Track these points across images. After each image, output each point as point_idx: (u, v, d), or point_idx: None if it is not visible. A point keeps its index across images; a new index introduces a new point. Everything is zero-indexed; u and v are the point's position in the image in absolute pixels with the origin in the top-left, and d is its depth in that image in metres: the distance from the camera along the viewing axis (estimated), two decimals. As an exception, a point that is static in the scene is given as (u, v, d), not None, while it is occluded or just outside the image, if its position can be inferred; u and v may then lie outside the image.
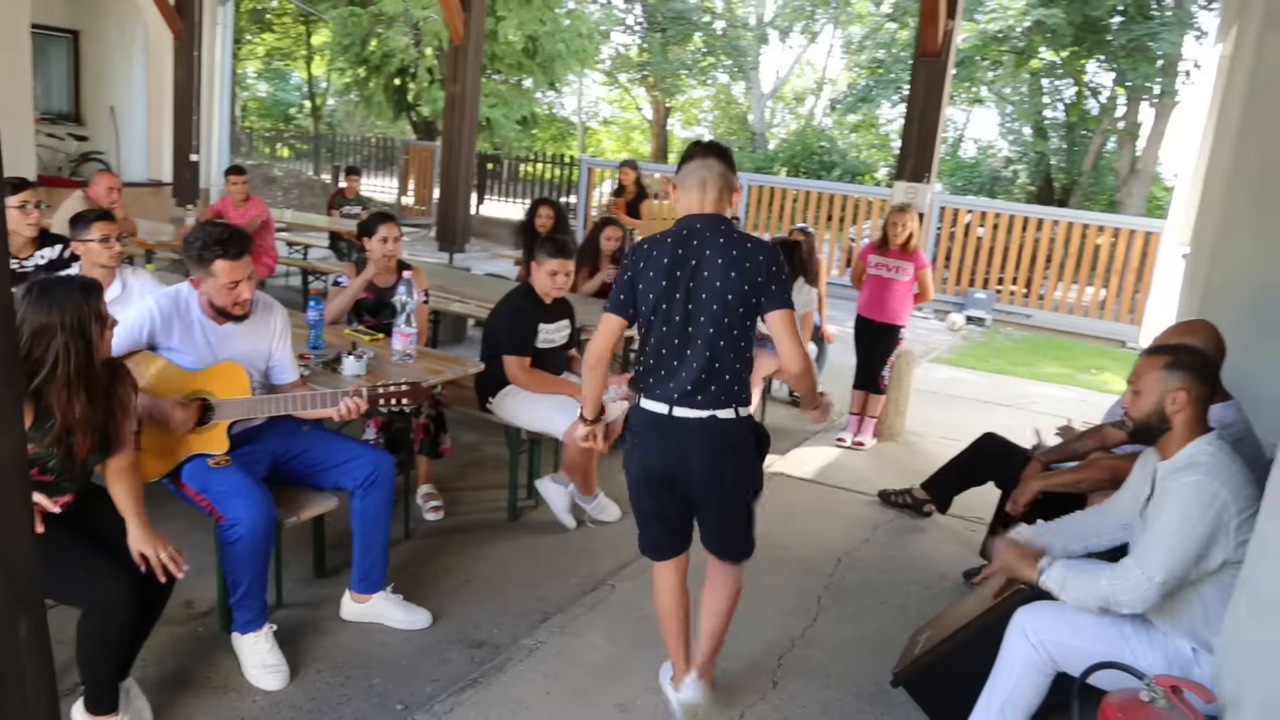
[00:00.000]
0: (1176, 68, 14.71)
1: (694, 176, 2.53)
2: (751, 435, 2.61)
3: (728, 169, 2.56)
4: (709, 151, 2.57)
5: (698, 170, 2.53)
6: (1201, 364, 2.35)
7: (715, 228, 2.49)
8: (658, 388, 2.51)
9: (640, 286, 2.50)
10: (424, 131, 15.60)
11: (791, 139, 26.10)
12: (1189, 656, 2.18)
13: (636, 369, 2.60)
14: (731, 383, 2.50)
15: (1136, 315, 10.24)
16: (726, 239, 2.48)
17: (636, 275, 2.51)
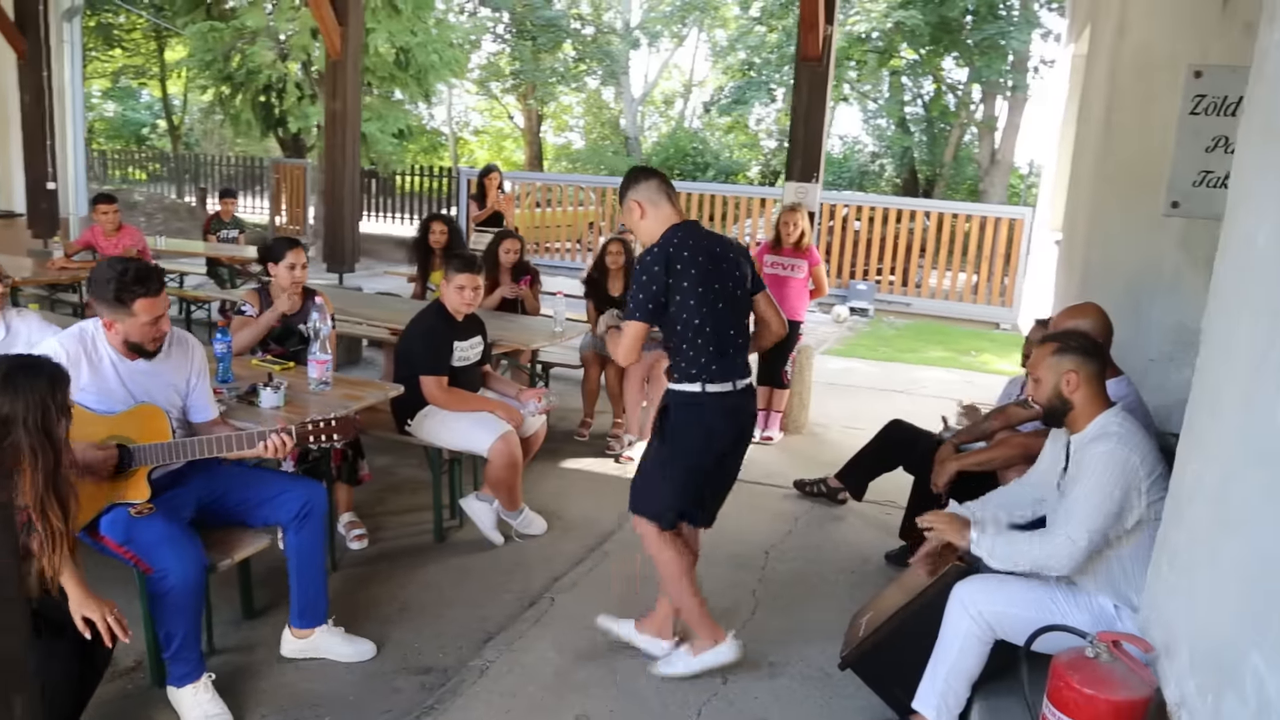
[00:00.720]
0: (1026, 64, 15.73)
1: (661, 192, 2.91)
2: None
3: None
4: (652, 171, 3.00)
5: (660, 186, 2.92)
6: (1087, 345, 2.55)
7: (705, 230, 2.95)
8: (719, 370, 2.84)
9: (685, 286, 2.78)
10: (292, 149, 15.10)
11: (664, 142, 26.52)
12: (1112, 613, 2.36)
13: (681, 359, 2.86)
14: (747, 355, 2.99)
15: (1007, 298, 10.88)
16: (720, 238, 2.97)
17: (676, 280, 2.78)
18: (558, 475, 5.03)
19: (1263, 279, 1.66)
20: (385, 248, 13.51)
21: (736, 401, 2.89)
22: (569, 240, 14.03)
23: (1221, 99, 3.58)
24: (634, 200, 2.91)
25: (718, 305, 2.83)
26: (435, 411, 3.97)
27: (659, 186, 2.91)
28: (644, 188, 2.91)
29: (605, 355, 5.68)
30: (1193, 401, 1.98)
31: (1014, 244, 10.71)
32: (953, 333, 10.40)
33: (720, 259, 2.87)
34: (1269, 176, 1.71)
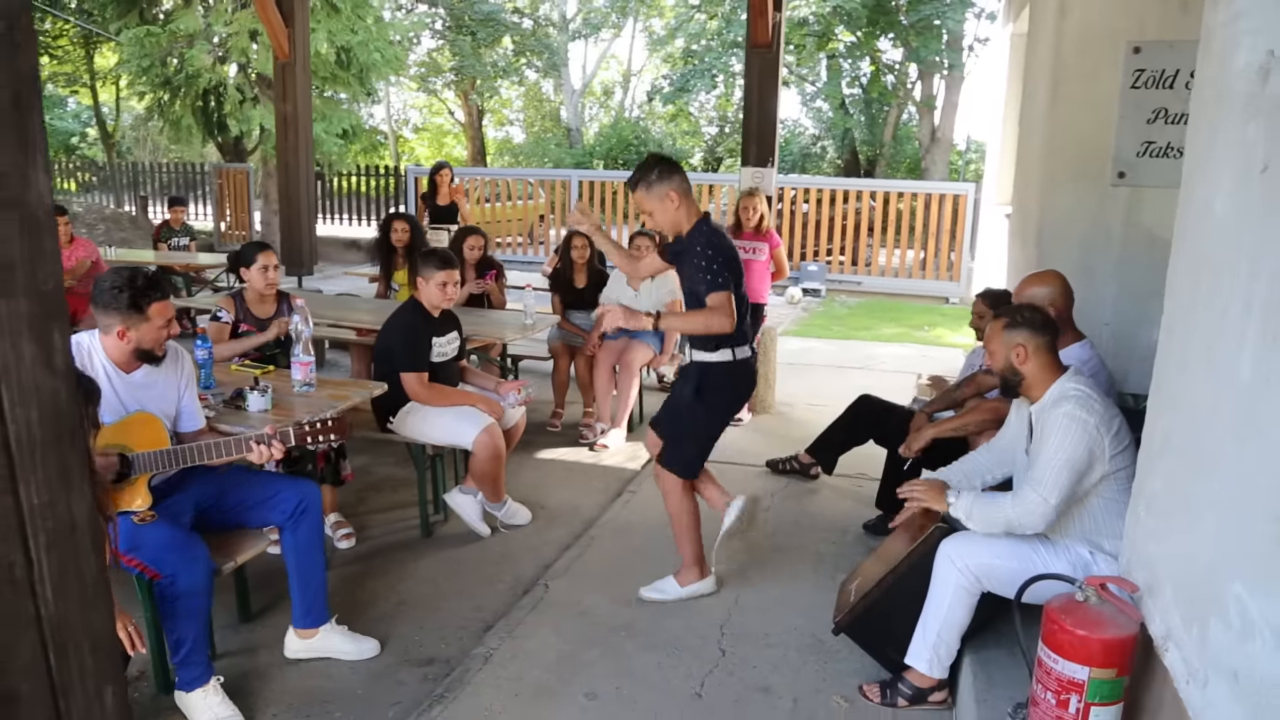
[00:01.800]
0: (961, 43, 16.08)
1: (689, 185, 3.27)
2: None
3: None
4: (679, 165, 3.30)
5: (686, 179, 3.26)
6: (1035, 319, 2.69)
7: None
8: (744, 339, 3.29)
9: (730, 264, 3.18)
10: (233, 153, 14.84)
11: (606, 132, 26.54)
12: (1088, 559, 2.51)
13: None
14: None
15: (954, 272, 11.16)
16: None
17: (725, 259, 3.16)
18: (535, 466, 5.09)
19: (1222, 243, 1.80)
20: (334, 249, 13.36)
21: (754, 365, 3.42)
22: (519, 235, 14.02)
23: (1160, 72, 3.77)
24: (672, 191, 3.21)
25: (740, 283, 3.25)
26: (417, 408, 4.01)
27: (685, 179, 3.27)
28: (679, 180, 3.23)
29: (574, 346, 5.75)
30: (1160, 358, 2.12)
31: (959, 219, 10.99)
32: (904, 309, 10.65)
33: (733, 245, 3.31)
34: (1220, 150, 1.85)
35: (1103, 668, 1.93)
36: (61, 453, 1.07)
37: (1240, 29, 1.74)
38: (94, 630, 1.13)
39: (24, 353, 1.01)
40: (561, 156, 24.85)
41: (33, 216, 1.01)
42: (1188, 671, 1.75)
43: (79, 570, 1.10)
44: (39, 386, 1.04)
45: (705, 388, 3.31)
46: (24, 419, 1.02)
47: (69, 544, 1.09)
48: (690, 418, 3.38)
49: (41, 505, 1.05)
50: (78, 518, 1.10)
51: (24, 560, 1.03)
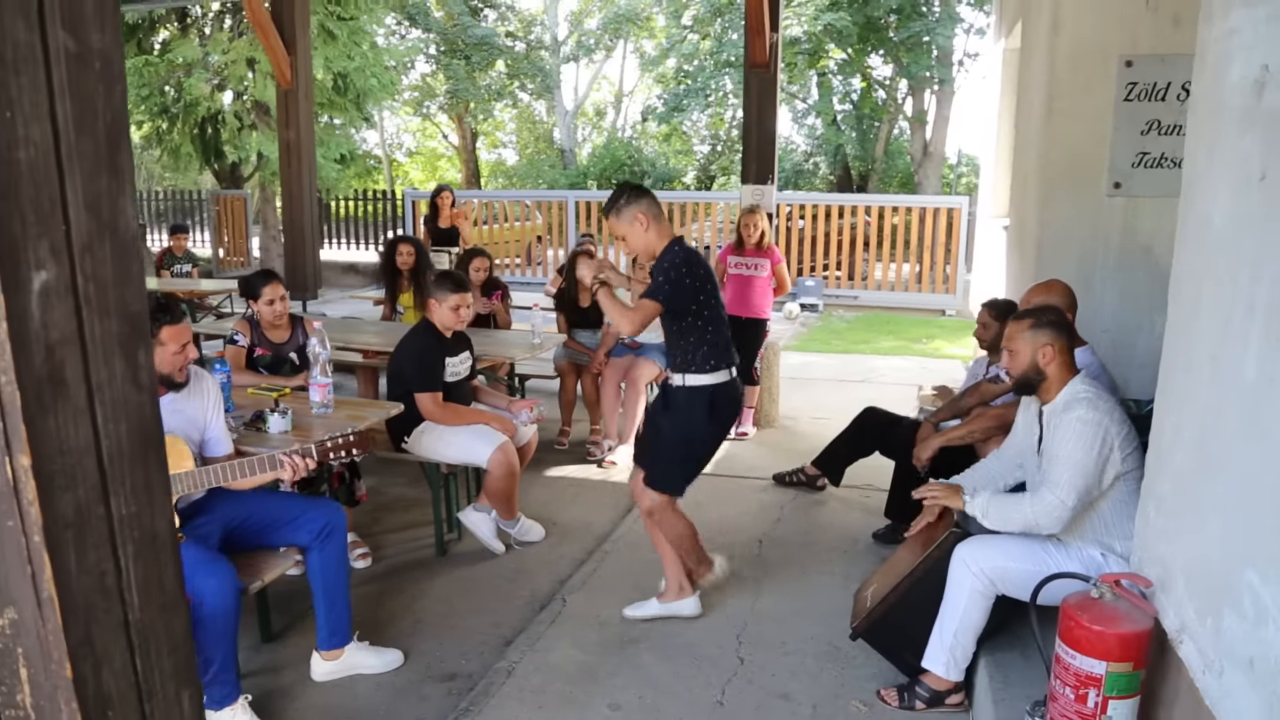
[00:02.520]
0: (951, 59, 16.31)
1: (659, 207, 3.31)
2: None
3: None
4: (646, 189, 3.38)
5: (656, 202, 3.31)
6: (1060, 320, 2.78)
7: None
8: (723, 360, 3.29)
9: (706, 287, 3.22)
10: (229, 180, 14.93)
11: (600, 152, 26.72)
12: (1100, 561, 2.58)
13: (690, 353, 3.27)
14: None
15: (950, 285, 11.27)
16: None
17: (698, 282, 3.19)
18: (544, 484, 5.15)
19: (1223, 250, 1.88)
20: (333, 273, 13.43)
21: (738, 387, 3.39)
22: (516, 256, 14.12)
23: (1152, 85, 3.87)
24: (639, 213, 3.25)
25: (719, 305, 3.29)
26: (432, 427, 4.06)
27: (655, 203, 3.31)
28: (647, 203, 3.28)
29: (580, 364, 5.82)
30: (1165, 362, 2.19)
31: (953, 232, 11.11)
32: (901, 322, 10.74)
33: (709, 267, 3.29)
34: (1217, 163, 1.93)
35: (1120, 662, 2.00)
36: (146, 466, 1.13)
37: (1234, 44, 1.83)
38: (173, 636, 1.18)
39: (115, 370, 1.08)
40: (556, 178, 25.01)
41: (123, 240, 1.08)
42: (1204, 662, 1.82)
43: (160, 578, 1.16)
44: (127, 401, 1.10)
45: (714, 411, 3.30)
46: (115, 434, 1.08)
47: (151, 553, 1.14)
48: (676, 438, 3.34)
49: (129, 516, 1.10)
50: (159, 528, 1.15)
51: (114, 569, 1.09)
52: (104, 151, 1.05)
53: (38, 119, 0.98)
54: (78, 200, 1.02)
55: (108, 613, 1.09)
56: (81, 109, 1.02)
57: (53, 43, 0.99)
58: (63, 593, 1.02)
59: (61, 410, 1.02)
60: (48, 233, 0.99)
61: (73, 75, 1.01)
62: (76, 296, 1.03)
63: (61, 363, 1.02)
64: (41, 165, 0.98)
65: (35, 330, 0.98)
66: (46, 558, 1.00)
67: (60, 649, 1.02)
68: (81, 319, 1.04)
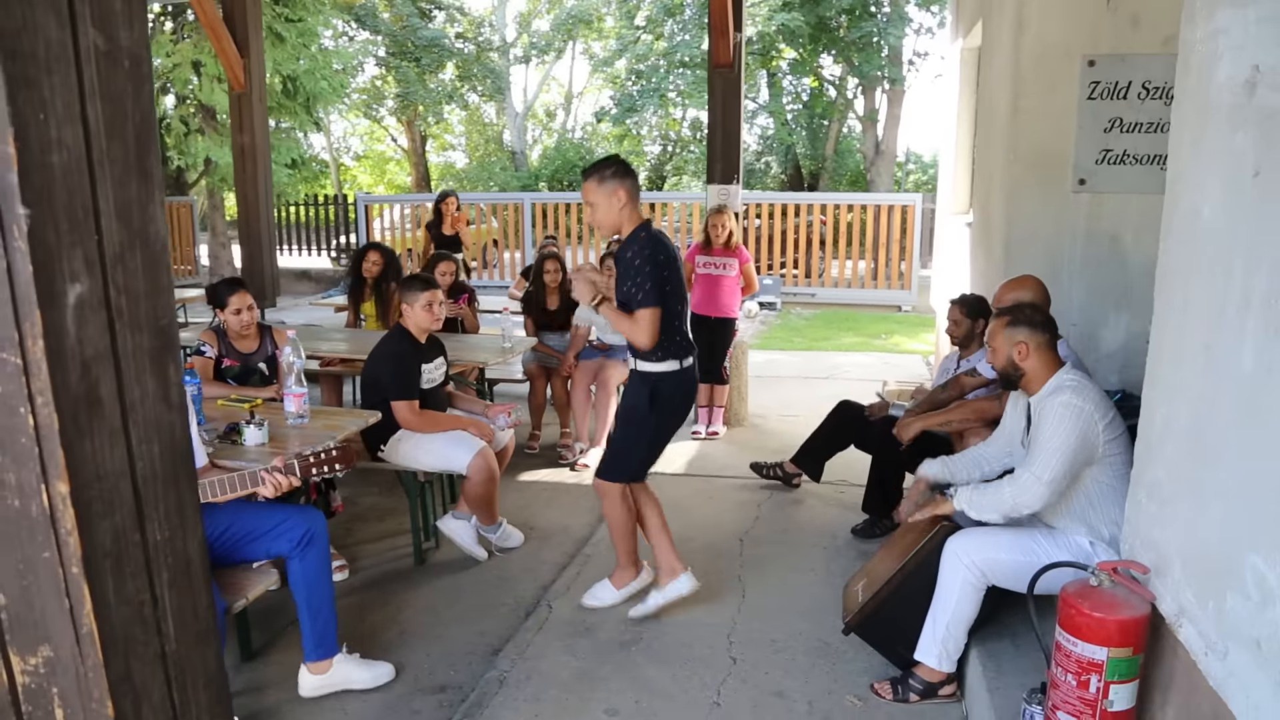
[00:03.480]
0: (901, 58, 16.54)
1: (639, 189, 3.30)
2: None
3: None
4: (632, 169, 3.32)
5: (639, 188, 3.30)
6: (1036, 317, 2.83)
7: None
8: (672, 351, 3.28)
9: (670, 275, 3.21)
10: (173, 186, 14.57)
11: (550, 154, 26.62)
12: (1088, 549, 2.63)
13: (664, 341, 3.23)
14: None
15: (906, 281, 11.43)
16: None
17: (666, 269, 3.18)
18: (519, 489, 5.10)
19: (1213, 244, 1.92)
20: (286, 280, 13.16)
21: (688, 378, 3.41)
22: (472, 259, 13.98)
23: (1114, 84, 3.97)
24: (621, 189, 3.23)
25: (679, 295, 3.31)
26: (409, 435, 4.00)
27: (638, 186, 3.31)
28: (632, 183, 3.27)
29: (550, 368, 5.78)
30: (1153, 353, 2.24)
31: (908, 229, 11.27)
32: (859, 318, 10.87)
33: (675, 254, 3.31)
34: (1205, 159, 1.98)
35: (1120, 647, 2.03)
36: (179, 488, 1.09)
37: (1221, 44, 1.87)
38: (207, 666, 1.14)
39: (147, 387, 1.04)
40: (507, 180, 24.86)
41: (154, 250, 1.04)
42: (1205, 644, 1.86)
43: (195, 607, 1.12)
44: (159, 421, 1.06)
45: (654, 397, 3.31)
46: (148, 455, 1.04)
47: (185, 580, 1.10)
48: (637, 426, 3.38)
49: (163, 541, 1.06)
50: (192, 554, 1.11)
51: (150, 598, 1.05)
52: (134, 155, 1.01)
53: (70, 121, 0.93)
54: (109, 208, 0.98)
55: (146, 645, 1.04)
56: (112, 111, 0.98)
57: (83, 40, 0.94)
58: (102, 626, 0.97)
59: (98, 432, 0.97)
60: (81, 242, 0.95)
61: (103, 75, 0.97)
62: (109, 310, 0.99)
63: (96, 381, 0.97)
64: (74, 170, 0.94)
65: (71, 347, 0.94)
66: (86, 589, 0.95)
67: (101, 686, 0.98)
68: (114, 333, 0.99)
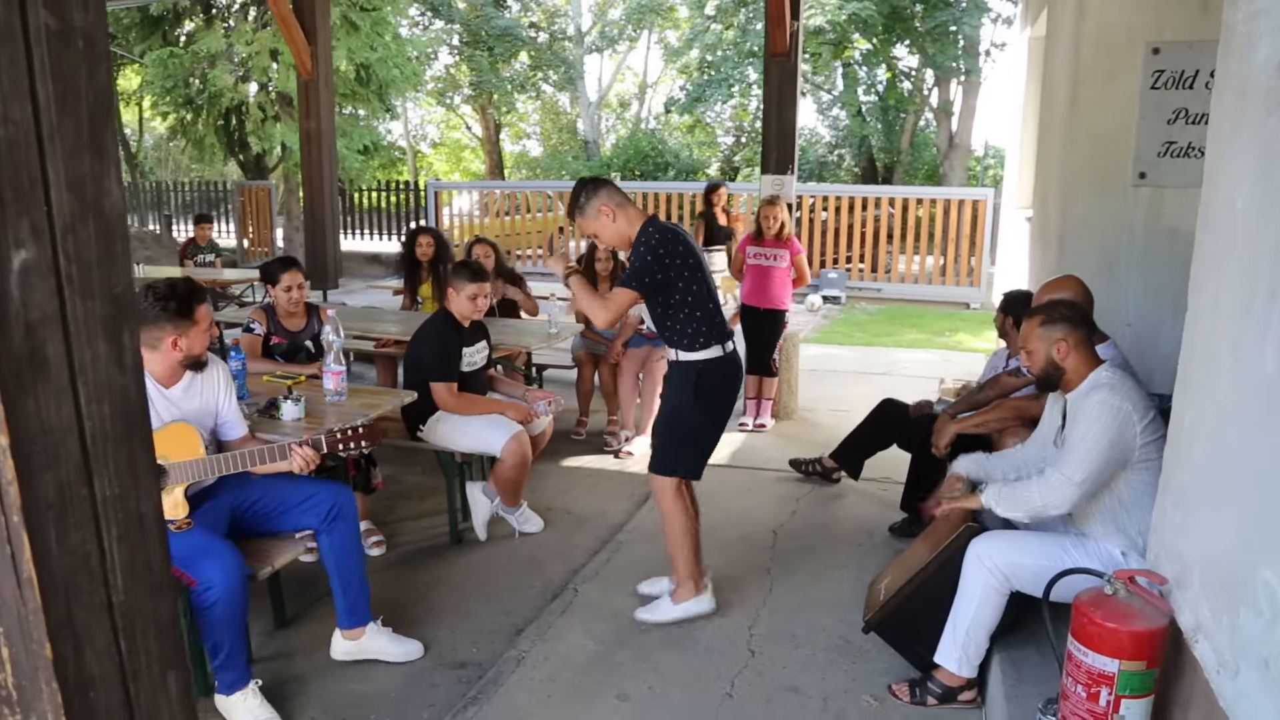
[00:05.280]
0: (978, 49, 16.09)
1: (620, 194, 3.24)
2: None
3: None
4: (603, 179, 3.34)
5: (616, 190, 3.25)
6: (1071, 314, 2.71)
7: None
8: (715, 336, 3.21)
9: (690, 264, 3.14)
10: (254, 171, 15.05)
11: (623, 144, 26.64)
12: (1120, 559, 2.52)
13: (677, 331, 3.21)
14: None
15: (975, 278, 11.15)
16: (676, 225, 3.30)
17: (680, 261, 3.12)
18: (561, 473, 5.14)
19: (1245, 238, 1.82)
20: (357, 264, 13.51)
21: (733, 363, 3.32)
22: (538, 246, 14.12)
23: (1179, 73, 3.79)
24: (602, 206, 3.19)
25: (707, 280, 3.23)
26: (447, 416, 4.06)
27: (616, 190, 3.25)
28: (605, 194, 3.20)
29: (598, 355, 5.80)
30: (1185, 353, 2.14)
31: (978, 225, 10.98)
32: (925, 315, 10.64)
33: (691, 241, 3.24)
34: (1241, 146, 1.88)
35: (1132, 660, 1.95)
36: (131, 448, 1.12)
37: (1260, 26, 1.77)
38: (159, 618, 1.18)
39: (99, 351, 1.07)
40: (579, 169, 24.96)
41: (108, 221, 1.07)
42: (1218, 661, 1.77)
43: (147, 560, 1.16)
44: (111, 383, 1.09)
45: (699, 388, 3.23)
46: (98, 414, 1.08)
47: (137, 535, 1.14)
48: (685, 419, 3.28)
49: (113, 497, 1.10)
50: (145, 510, 1.15)
51: (98, 550, 1.09)
52: (87, 132, 1.04)
53: (17, 97, 0.97)
54: (59, 180, 1.02)
55: (91, 594, 1.08)
56: (64, 89, 1.02)
57: (33, 21, 0.98)
58: (42, 573, 1.02)
59: (42, 390, 1.01)
60: (27, 211, 0.99)
61: (54, 54, 1.01)
62: (59, 276, 1.03)
63: (43, 342, 1.01)
64: (21, 143, 0.98)
65: (14, 310, 0.98)
66: (25, 538, 1.00)
67: (40, 629, 1.02)
68: (64, 299, 1.03)
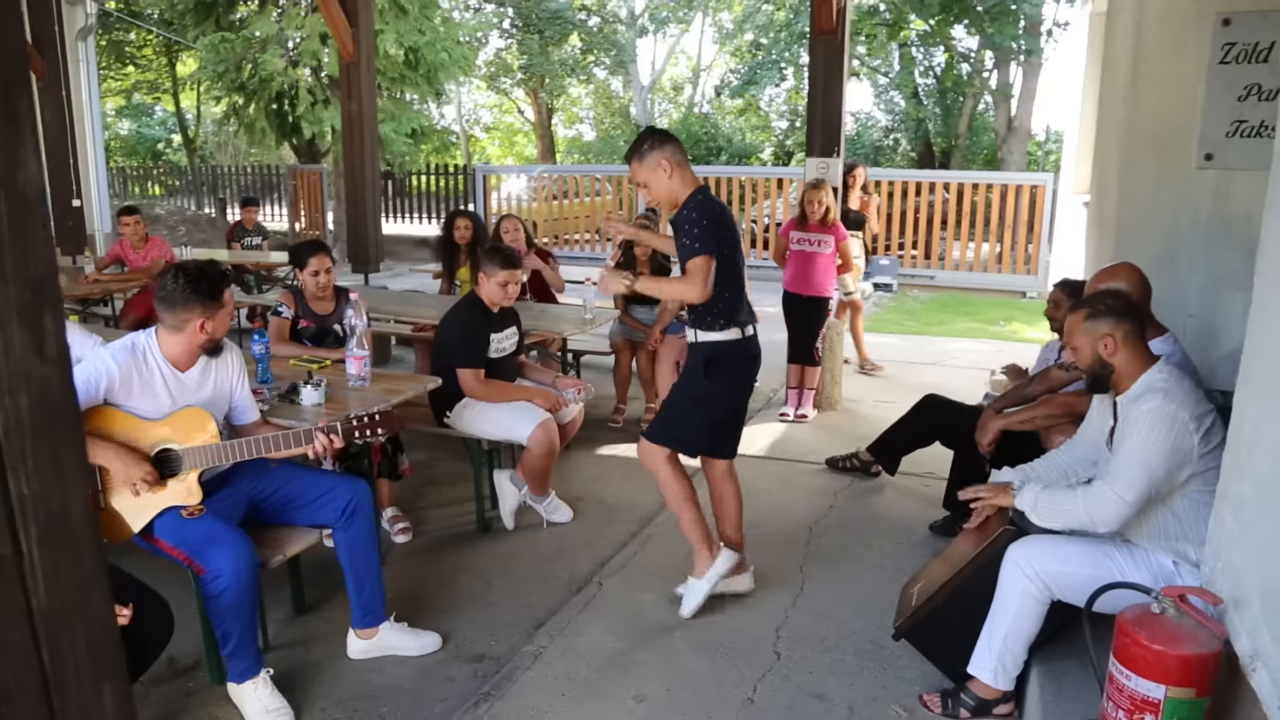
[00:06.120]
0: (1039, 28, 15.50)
1: (683, 153, 3.15)
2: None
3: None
4: (671, 134, 3.20)
5: (680, 148, 3.15)
6: (1119, 306, 2.50)
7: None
8: (740, 316, 3.16)
9: (729, 239, 3.09)
10: (307, 155, 15.18)
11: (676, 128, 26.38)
12: (1171, 570, 2.34)
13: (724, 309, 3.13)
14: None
15: (1032, 266, 10.77)
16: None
17: (724, 233, 3.06)
18: (595, 462, 5.05)
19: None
20: (405, 247, 13.56)
21: (750, 347, 3.25)
22: (587, 231, 14.04)
23: (1253, 45, 3.52)
24: (664, 159, 3.11)
25: (738, 261, 3.17)
26: (474, 402, 3.99)
27: (680, 149, 3.16)
28: (670, 149, 3.12)
29: (636, 341, 5.68)
30: (1248, 351, 1.95)
31: (1036, 211, 10.60)
32: (979, 303, 10.32)
33: (733, 219, 3.19)
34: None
35: (1181, 687, 1.78)
36: (54, 442, 1.04)
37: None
38: (91, 624, 1.10)
39: (14, 339, 0.99)
40: (630, 153, 24.78)
41: (22, 197, 0.98)
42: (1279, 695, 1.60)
43: (74, 562, 1.07)
44: (29, 374, 1.01)
45: (713, 367, 3.17)
46: (13, 407, 0.99)
47: (64, 535, 1.06)
48: (692, 394, 3.24)
49: (32, 495, 1.02)
50: (72, 508, 1.07)
51: (13, 552, 1.00)
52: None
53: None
54: (-42, 151, 0.93)
55: (5, 600, 1.00)
56: (-37, 56, 0.92)
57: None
58: (-57, 579, 0.94)
59: (-57, 381, 0.93)
60: (-83, 185, 0.90)
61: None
62: (-39, 257, 0.94)
63: (-53, 330, 0.93)
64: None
65: (-91, 293, 0.89)
66: (-74, 541, 0.92)
67: (-59, 641, 0.95)
68: (-32, 282, 0.95)
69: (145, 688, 2.84)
